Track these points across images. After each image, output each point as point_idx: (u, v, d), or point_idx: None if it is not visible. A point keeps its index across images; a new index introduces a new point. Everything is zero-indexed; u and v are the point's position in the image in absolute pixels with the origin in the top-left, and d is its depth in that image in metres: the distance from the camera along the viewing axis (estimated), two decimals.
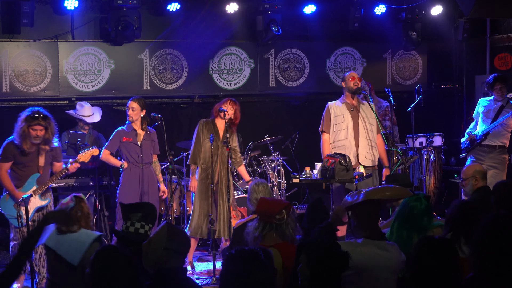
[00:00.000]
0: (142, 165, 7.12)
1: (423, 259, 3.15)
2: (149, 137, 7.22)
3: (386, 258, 4.04)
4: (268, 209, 4.17)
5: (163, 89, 9.23)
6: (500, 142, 8.03)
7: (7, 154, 6.37)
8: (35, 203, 6.47)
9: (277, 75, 9.82)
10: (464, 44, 10.56)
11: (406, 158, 7.90)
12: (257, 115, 9.93)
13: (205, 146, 7.08)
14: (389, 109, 8.83)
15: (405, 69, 10.53)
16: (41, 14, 8.47)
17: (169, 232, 3.53)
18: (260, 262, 3.03)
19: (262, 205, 4.26)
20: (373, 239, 4.10)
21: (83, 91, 8.79)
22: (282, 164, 8.67)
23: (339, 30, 9.91)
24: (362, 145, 7.30)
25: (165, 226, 3.57)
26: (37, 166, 6.46)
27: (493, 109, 8.10)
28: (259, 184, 5.63)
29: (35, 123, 6.26)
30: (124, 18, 8.39)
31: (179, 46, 9.25)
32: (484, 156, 8.00)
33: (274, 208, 4.16)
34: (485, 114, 8.17)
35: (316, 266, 3.37)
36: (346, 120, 7.32)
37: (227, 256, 3.08)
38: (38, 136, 6.28)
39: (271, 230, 4.16)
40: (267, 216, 4.15)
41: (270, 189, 5.76)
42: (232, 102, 7.18)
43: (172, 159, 6.99)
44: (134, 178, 7.13)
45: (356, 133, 7.31)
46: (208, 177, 7.03)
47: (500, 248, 3.01)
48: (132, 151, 7.13)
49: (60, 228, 4.74)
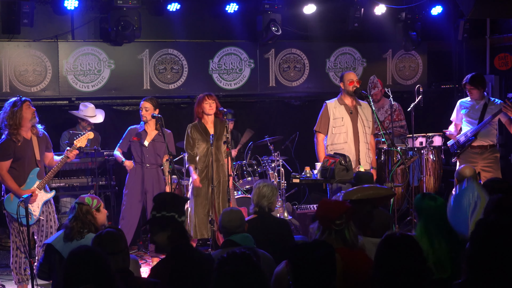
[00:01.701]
0: (149, 165, 7.20)
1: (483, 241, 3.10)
2: (159, 138, 7.25)
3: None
4: (327, 214, 3.97)
5: (163, 89, 9.23)
6: (490, 140, 8.00)
7: (6, 152, 6.35)
8: (41, 197, 6.48)
9: (277, 75, 9.83)
10: (464, 44, 10.56)
11: (406, 158, 7.89)
12: (257, 115, 9.94)
13: (198, 148, 7.10)
14: (399, 107, 8.98)
15: (405, 69, 10.53)
16: (41, 14, 8.47)
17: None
18: (252, 264, 3.03)
19: (322, 209, 4.05)
20: (368, 236, 4.13)
21: (83, 91, 8.79)
22: (282, 164, 8.67)
23: (339, 30, 9.91)
24: (362, 149, 7.27)
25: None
26: (34, 160, 6.46)
27: (477, 109, 8.06)
28: (263, 186, 5.55)
29: (28, 105, 6.35)
30: (124, 18, 8.39)
31: (179, 46, 9.25)
32: (476, 158, 7.95)
33: (333, 213, 3.96)
34: (468, 115, 8.12)
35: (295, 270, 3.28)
36: (345, 123, 7.28)
37: (219, 260, 3.06)
38: (35, 113, 6.38)
39: (330, 235, 3.97)
40: (327, 221, 3.96)
41: (277, 189, 5.69)
42: (210, 96, 7.17)
43: (172, 159, 7.00)
44: (137, 178, 7.23)
45: (356, 137, 7.28)
46: (205, 177, 7.04)
47: (491, 252, 3.00)
48: (138, 151, 7.24)
49: (68, 236, 4.80)
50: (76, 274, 3.18)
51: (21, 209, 6.02)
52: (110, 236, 3.83)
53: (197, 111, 7.17)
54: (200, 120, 7.18)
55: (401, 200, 9.03)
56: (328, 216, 3.95)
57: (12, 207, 6.31)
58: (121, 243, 3.85)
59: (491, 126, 7.99)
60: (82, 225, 4.84)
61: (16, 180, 6.38)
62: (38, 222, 6.49)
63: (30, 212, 6.20)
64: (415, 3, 9.76)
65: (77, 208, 4.89)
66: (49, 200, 6.58)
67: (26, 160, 6.41)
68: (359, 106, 7.39)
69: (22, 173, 6.42)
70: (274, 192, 5.56)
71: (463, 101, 8.29)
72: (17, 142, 6.33)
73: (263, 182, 5.67)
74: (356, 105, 7.38)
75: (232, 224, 4.70)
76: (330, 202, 4.15)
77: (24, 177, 6.42)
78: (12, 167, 6.39)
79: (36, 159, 6.47)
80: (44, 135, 6.59)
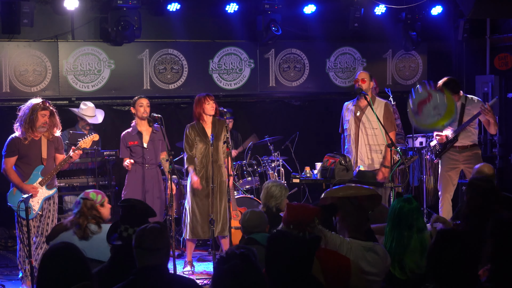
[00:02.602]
0: (148, 166, 7.18)
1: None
2: (156, 136, 7.22)
3: (372, 259, 4.06)
4: (299, 218, 3.95)
5: (163, 89, 9.23)
6: (470, 141, 7.87)
7: (12, 148, 6.55)
8: (42, 193, 6.60)
9: (277, 75, 9.83)
10: (464, 44, 10.56)
11: (406, 158, 7.88)
12: (257, 115, 9.94)
13: (196, 149, 7.09)
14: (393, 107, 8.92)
15: (405, 69, 10.53)
16: (41, 14, 8.48)
17: (139, 232, 3.62)
18: (252, 263, 3.04)
19: (291, 213, 4.00)
20: (359, 239, 4.12)
21: (83, 91, 8.80)
22: (282, 164, 8.67)
23: (339, 30, 9.91)
24: (362, 152, 7.19)
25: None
26: (40, 158, 6.60)
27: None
28: (271, 185, 5.51)
29: (40, 108, 6.47)
30: (124, 18, 8.40)
31: (179, 46, 9.25)
32: (457, 156, 7.83)
33: (306, 216, 3.95)
34: None
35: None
36: (350, 126, 7.26)
37: (218, 259, 3.07)
38: (46, 122, 6.50)
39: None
40: (299, 225, 3.93)
41: (287, 189, 5.64)
42: (210, 97, 7.15)
43: (172, 159, 6.99)
44: (137, 178, 7.21)
45: (356, 139, 7.24)
46: (203, 177, 7.03)
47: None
48: (137, 153, 7.20)
49: (79, 234, 4.83)
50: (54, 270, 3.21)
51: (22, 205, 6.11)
52: (152, 231, 3.65)
53: (197, 112, 7.13)
54: (198, 121, 7.15)
55: None
56: (303, 220, 3.95)
57: (13, 200, 6.48)
58: (160, 241, 3.65)
59: (470, 126, 7.89)
60: (86, 220, 4.87)
61: (20, 176, 6.56)
62: (40, 218, 6.57)
63: (30, 206, 6.28)
64: (415, 3, 9.76)
65: (81, 203, 4.92)
66: (51, 198, 6.66)
67: (32, 157, 6.57)
68: (370, 107, 7.12)
69: (27, 170, 6.58)
70: (283, 193, 5.51)
71: None
72: (24, 140, 6.53)
73: (273, 182, 5.63)
74: (367, 105, 7.19)
75: (249, 223, 4.80)
76: (298, 206, 4.13)
77: (29, 173, 6.58)
78: (18, 164, 6.59)
79: (42, 157, 6.60)
80: (55, 138, 6.72)
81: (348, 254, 4.01)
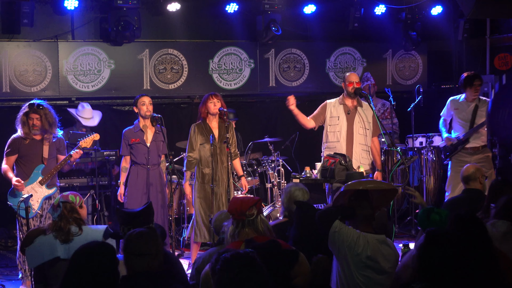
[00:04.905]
0: (150, 166, 7.03)
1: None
2: (158, 137, 7.11)
3: (387, 252, 4.20)
4: (238, 208, 4.28)
5: (163, 89, 9.23)
6: (481, 142, 7.98)
7: (12, 147, 6.62)
8: (42, 192, 6.64)
9: (277, 75, 9.83)
10: (464, 44, 10.56)
11: (406, 158, 7.88)
12: (257, 115, 9.94)
13: (202, 149, 6.96)
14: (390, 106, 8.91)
15: (405, 69, 10.53)
16: (41, 14, 8.47)
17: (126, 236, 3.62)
18: (256, 265, 3.02)
19: (233, 204, 4.36)
20: (371, 233, 4.23)
21: (83, 91, 8.80)
22: (282, 164, 8.67)
23: (339, 30, 9.92)
24: (357, 151, 7.18)
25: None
26: (41, 158, 6.64)
27: (467, 111, 7.99)
28: (295, 190, 5.44)
29: (31, 111, 6.54)
30: (124, 18, 8.40)
31: (179, 46, 9.25)
32: (468, 157, 7.88)
33: (244, 206, 4.26)
34: (459, 115, 8.07)
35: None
36: (340, 123, 7.23)
37: (222, 261, 3.05)
38: (35, 125, 6.54)
39: (244, 227, 4.26)
40: (238, 214, 4.26)
41: (308, 193, 5.52)
42: (215, 96, 7.03)
43: (172, 159, 6.98)
44: (140, 180, 7.02)
45: (350, 137, 7.21)
46: (210, 179, 6.93)
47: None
48: (139, 153, 7.02)
49: (61, 237, 4.80)
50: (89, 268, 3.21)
51: (22, 204, 6.13)
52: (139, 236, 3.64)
53: (202, 111, 7.04)
54: (204, 120, 7.03)
55: (401, 200, 9.04)
56: (240, 209, 4.25)
57: (13, 199, 6.51)
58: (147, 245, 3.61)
59: (482, 128, 7.95)
60: (68, 223, 4.85)
61: (21, 175, 6.60)
62: (41, 218, 6.60)
63: (30, 205, 6.28)
64: (415, 3, 9.76)
65: (62, 207, 4.88)
66: (51, 197, 6.66)
67: (32, 157, 6.62)
68: (360, 108, 7.29)
69: (28, 169, 6.63)
70: (305, 197, 5.40)
71: (453, 99, 8.22)
72: (25, 140, 6.60)
73: (295, 185, 5.51)
74: (357, 106, 7.31)
75: (218, 224, 4.91)
76: (240, 198, 4.46)
77: (29, 172, 6.62)
78: (19, 163, 6.65)
79: (43, 157, 6.64)
80: (59, 139, 6.77)
81: (366, 248, 4.18)
